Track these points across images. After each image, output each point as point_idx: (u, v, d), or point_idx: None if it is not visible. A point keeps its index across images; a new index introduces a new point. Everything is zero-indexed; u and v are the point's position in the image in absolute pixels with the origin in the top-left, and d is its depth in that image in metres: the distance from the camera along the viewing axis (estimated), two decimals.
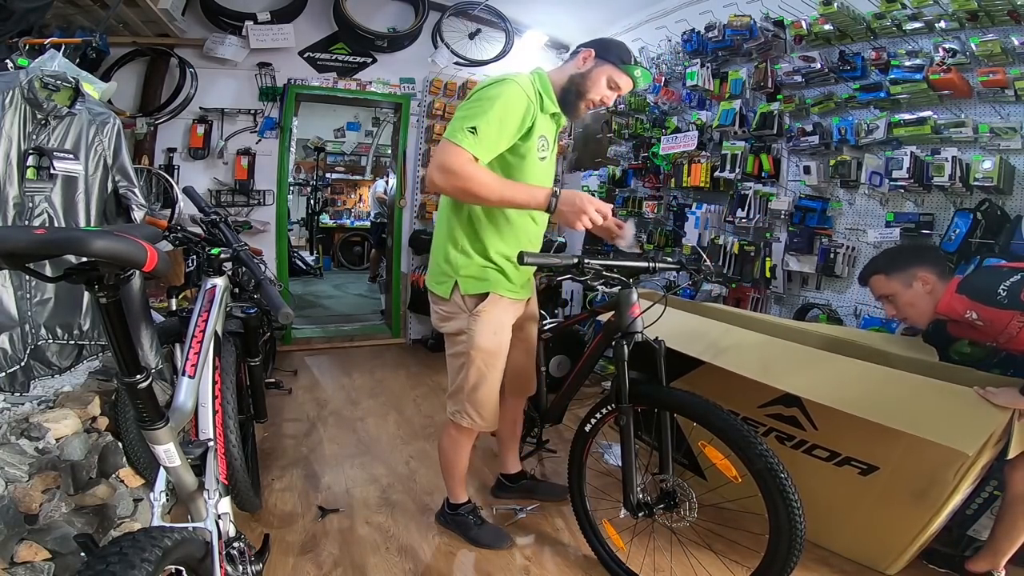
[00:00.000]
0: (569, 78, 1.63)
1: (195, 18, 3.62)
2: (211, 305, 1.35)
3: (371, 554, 1.85)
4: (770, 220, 2.87)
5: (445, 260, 1.67)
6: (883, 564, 1.78)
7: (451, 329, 1.72)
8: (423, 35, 4.20)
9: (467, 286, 1.64)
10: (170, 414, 0.99)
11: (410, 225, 4.51)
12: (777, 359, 1.85)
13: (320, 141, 8.11)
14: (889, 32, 2.32)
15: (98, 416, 1.87)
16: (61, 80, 1.71)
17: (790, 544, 1.36)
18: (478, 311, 1.65)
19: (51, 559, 1.39)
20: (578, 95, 1.62)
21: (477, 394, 1.70)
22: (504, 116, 1.46)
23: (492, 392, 1.71)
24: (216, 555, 1.04)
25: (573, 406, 2.08)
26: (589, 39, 1.70)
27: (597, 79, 1.60)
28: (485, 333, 1.64)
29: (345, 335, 4.73)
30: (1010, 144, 2.03)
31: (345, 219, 8.79)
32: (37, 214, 1.74)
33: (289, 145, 4.24)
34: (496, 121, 1.44)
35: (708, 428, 1.51)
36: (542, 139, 1.61)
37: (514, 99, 1.48)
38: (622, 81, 1.60)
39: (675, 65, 3.39)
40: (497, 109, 1.44)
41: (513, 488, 2.21)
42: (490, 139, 1.44)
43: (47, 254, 0.73)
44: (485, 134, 1.42)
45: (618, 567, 1.76)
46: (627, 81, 1.61)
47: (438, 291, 1.71)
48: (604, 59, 1.60)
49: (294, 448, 2.61)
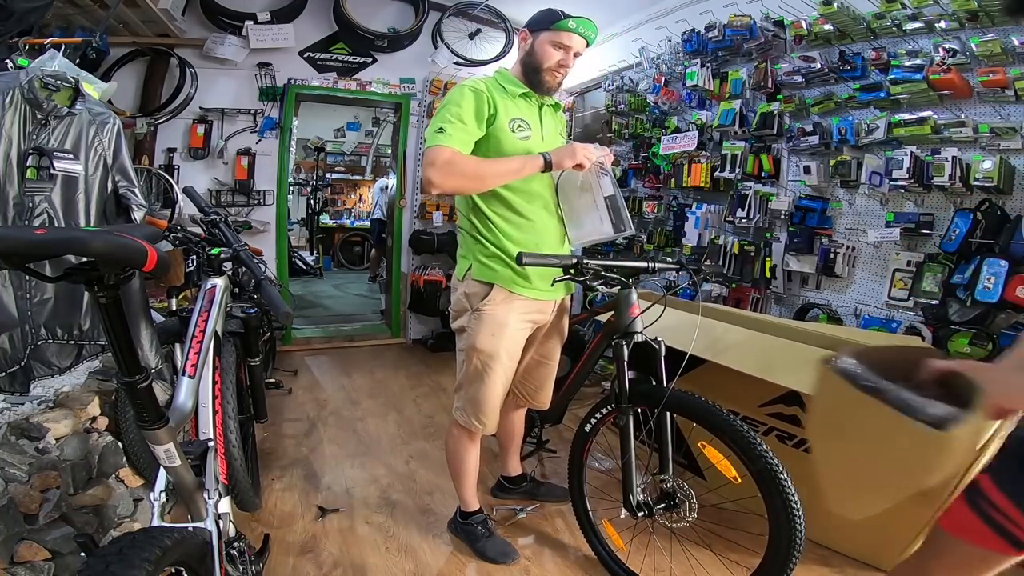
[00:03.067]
0: (521, 62, 1.71)
1: (195, 18, 3.62)
2: (211, 305, 1.35)
3: (371, 554, 1.85)
4: (770, 220, 2.87)
5: (466, 244, 1.72)
6: (884, 562, 1.78)
7: (457, 326, 1.74)
8: (423, 35, 4.20)
9: (478, 271, 1.66)
10: (170, 414, 0.99)
11: (410, 225, 4.51)
12: (778, 357, 1.85)
13: (320, 141, 8.11)
14: (889, 32, 2.32)
15: (98, 416, 1.87)
16: (61, 80, 1.71)
17: (790, 544, 1.36)
18: (480, 308, 1.65)
19: (51, 559, 1.39)
20: (535, 70, 1.67)
21: (475, 393, 1.70)
22: (461, 110, 1.55)
23: (490, 395, 1.69)
24: (216, 555, 1.04)
25: (573, 406, 2.08)
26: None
27: (541, 49, 1.65)
28: (483, 333, 1.64)
29: (345, 335, 4.73)
30: (1010, 144, 2.03)
31: (345, 219, 8.79)
32: (37, 214, 1.74)
33: (289, 145, 4.24)
34: (455, 117, 1.54)
35: (708, 428, 1.51)
36: (516, 120, 1.64)
37: (466, 94, 1.58)
38: (563, 38, 1.62)
39: (675, 65, 3.38)
40: (452, 107, 1.56)
41: (514, 491, 2.20)
42: (458, 131, 1.53)
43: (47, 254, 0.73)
44: (452, 128, 1.52)
45: (618, 567, 1.76)
46: (568, 35, 1.62)
47: (456, 272, 1.75)
48: (537, 30, 1.65)
49: (294, 448, 2.62)
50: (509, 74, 1.71)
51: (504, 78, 1.70)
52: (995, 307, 2.00)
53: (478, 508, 1.92)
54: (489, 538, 1.88)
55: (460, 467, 1.85)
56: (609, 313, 1.76)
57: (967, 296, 2.06)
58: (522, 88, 1.67)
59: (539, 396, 1.92)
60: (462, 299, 1.70)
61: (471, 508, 1.91)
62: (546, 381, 1.91)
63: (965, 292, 2.07)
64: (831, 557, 1.87)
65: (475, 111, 1.57)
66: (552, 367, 1.91)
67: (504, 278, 1.64)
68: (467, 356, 1.69)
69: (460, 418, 1.75)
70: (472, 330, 1.66)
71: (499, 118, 1.60)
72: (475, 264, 1.67)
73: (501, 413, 1.77)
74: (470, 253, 1.69)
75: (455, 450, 1.84)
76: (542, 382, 1.90)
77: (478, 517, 1.90)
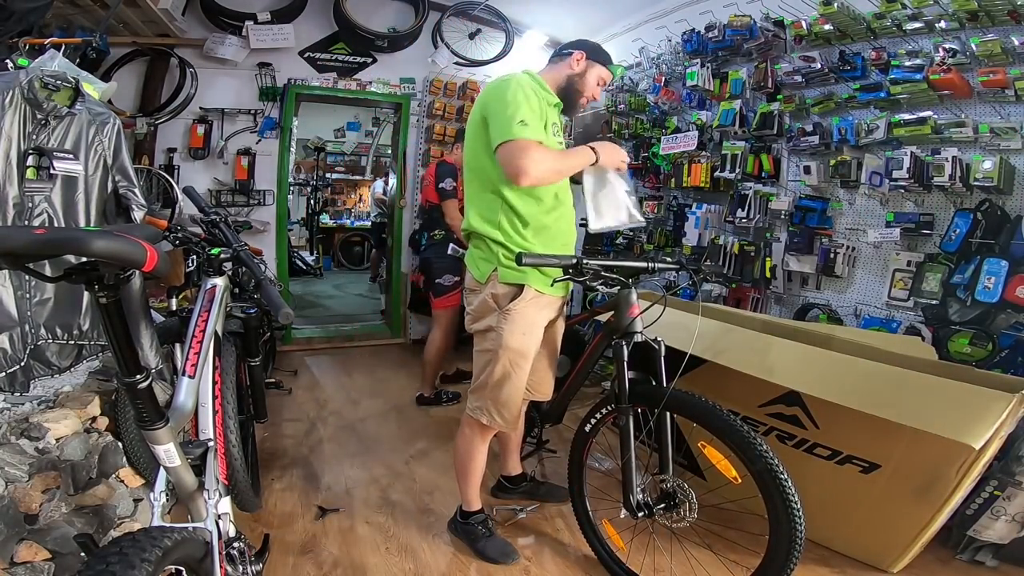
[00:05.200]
0: (567, 78, 1.77)
1: (195, 18, 3.62)
2: (211, 305, 1.35)
3: (371, 554, 1.85)
4: (770, 220, 2.88)
5: (488, 245, 1.70)
6: (885, 562, 1.78)
7: (481, 327, 1.72)
8: (423, 35, 4.20)
9: (505, 274, 1.66)
10: (170, 414, 0.99)
11: (410, 225, 4.50)
12: (778, 357, 1.85)
13: (320, 141, 8.10)
14: (889, 32, 2.32)
15: (98, 416, 1.87)
16: (61, 80, 1.71)
17: (790, 544, 1.36)
18: (509, 309, 1.65)
19: (51, 559, 1.39)
20: (577, 93, 1.78)
21: (500, 393, 1.69)
22: (531, 107, 1.59)
23: (516, 392, 1.71)
24: (216, 555, 1.04)
25: (573, 406, 2.08)
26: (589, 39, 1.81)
27: (591, 78, 1.78)
28: (515, 333, 1.65)
29: (345, 335, 4.73)
30: (1010, 144, 2.03)
31: (345, 219, 8.79)
32: (37, 214, 1.74)
33: (289, 145, 4.24)
34: (530, 112, 1.57)
35: (708, 428, 1.51)
36: (554, 125, 1.72)
37: (531, 92, 1.61)
38: (606, 77, 1.82)
39: (675, 65, 3.39)
40: (523, 102, 1.57)
41: (514, 491, 2.20)
42: (536, 126, 1.58)
43: (47, 254, 0.73)
44: (532, 123, 1.56)
45: (618, 567, 1.76)
46: (609, 77, 1.84)
47: (476, 273, 1.73)
48: (594, 60, 1.78)
49: (294, 448, 2.61)
50: (544, 82, 1.74)
51: (542, 85, 1.73)
52: (995, 307, 2.01)
53: (480, 508, 1.92)
54: (489, 538, 1.88)
55: (469, 465, 1.85)
56: (609, 313, 1.76)
57: (967, 296, 2.06)
58: (555, 99, 1.75)
59: (542, 387, 1.93)
60: (488, 300, 1.69)
61: (473, 507, 1.91)
62: (548, 373, 1.94)
63: (965, 292, 2.07)
64: (831, 557, 1.87)
65: (539, 109, 1.63)
66: (554, 358, 1.94)
67: (535, 278, 1.66)
68: (495, 356, 1.67)
69: (482, 417, 1.74)
70: (502, 330, 1.65)
71: (546, 121, 1.66)
72: (500, 267, 1.67)
73: None
74: (493, 256, 1.68)
75: (466, 449, 1.84)
76: (544, 373, 1.91)
77: (479, 517, 1.90)
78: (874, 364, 1.73)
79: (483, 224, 1.69)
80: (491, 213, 1.68)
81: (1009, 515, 1.76)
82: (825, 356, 1.83)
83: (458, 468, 1.89)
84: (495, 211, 1.67)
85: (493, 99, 1.61)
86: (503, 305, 1.66)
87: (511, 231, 1.66)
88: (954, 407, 1.50)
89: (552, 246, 1.70)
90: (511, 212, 1.65)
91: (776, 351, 1.89)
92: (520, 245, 1.64)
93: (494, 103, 1.60)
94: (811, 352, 1.87)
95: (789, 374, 1.79)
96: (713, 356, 1.91)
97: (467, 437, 1.83)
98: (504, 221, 1.66)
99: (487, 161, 1.64)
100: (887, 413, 1.54)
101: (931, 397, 1.55)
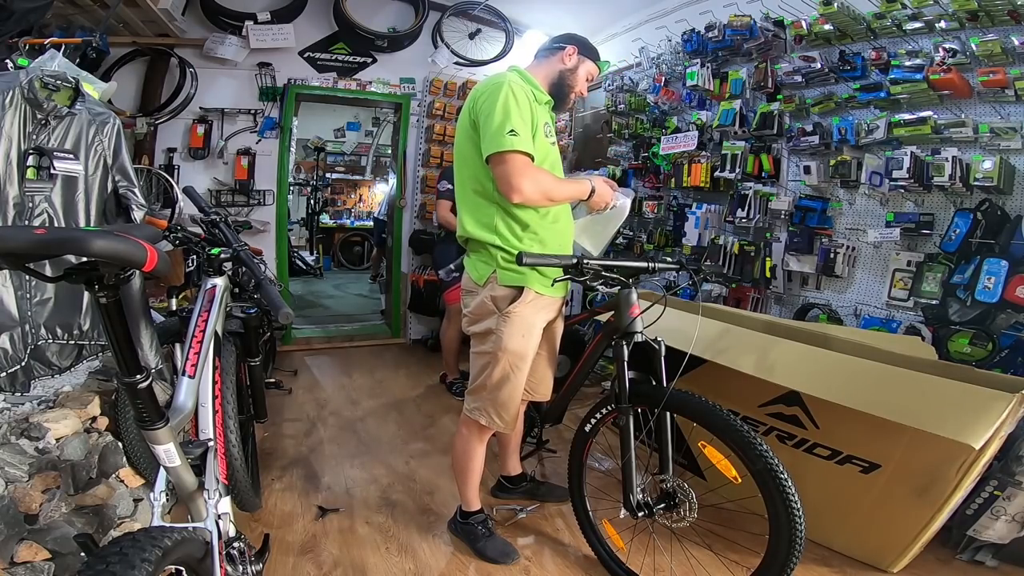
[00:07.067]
0: (560, 74, 1.76)
1: (195, 18, 3.62)
2: (211, 305, 1.35)
3: (371, 554, 1.85)
4: (770, 220, 2.87)
5: (486, 248, 1.69)
6: (885, 562, 1.79)
7: (480, 329, 1.72)
8: (423, 35, 4.20)
9: (505, 276, 1.66)
10: (170, 414, 0.99)
11: (410, 225, 4.51)
12: (778, 357, 1.85)
13: (320, 141, 8.10)
14: (889, 32, 2.32)
15: (98, 416, 1.87)
16: (61, 80, 1.71)
17: (790, 544, 1.36)
18: (508, 311, 1.65)
19: (51, 559, 1.39)
20: (568, 88, 1.77)
21: (499, 394, 1.69)
22: (522, 112, 1.57)
23: (515, 393, 1.71)
24: (216, 555, 1.04)
25: (573, 406, 2.08)
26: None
27: (581, 74, 1.78)
28: (514, 335, 1.65)
29: (345, 335, 4.73)
30: (1010, 144, 2.03)
31: (345, 219, 8.78)
32: (37, 214, 1.74)
33: (289, 145, 4.24)
34: (520, 120, 1.55)
35: (708, 428, 1.51)
36: (546, 125, 1.70)
37: (521, 96, 1.59)
38: (594, 73, 1.82)
39: (675, 65, 3.38)
40: (514, 109, 1.55)
41: (514, 491, 2.20)
42: (527, 135, 1.56)
43: (47, 254, 0.73)
44: (523, 132, 1.54)
45: (618, 567, 1.76)
46: (596, 72, 1.83)
47: (474, 275, 1.72)
48: (585, 55, 1.77)
49: (294, 448, 2.62)
50: (533, 79, 1.73)
51: (532, 83, 1.71)
52: (995, 307, 2.00)
53: (479, 508, 1.92)
54: (489, 538, 1.88)
55: (467, 466, 1.85)
56: (609, 313, 1.76)
57: (967, 296, 2.06)
58: (547, 97, 1.74)
59: (541, 388, 1.93)
60: (487, 303, 1.69)
61: (473, 507, 1.91)
62: (547, 373, 1.93)
63: (965, 292, 2.07)
64: (831, 557, 1.87)
65: (530, 113, 1.61)
66: (553, 358, 1.94)
67: (534, 280, 1.65)
68: (494, 358, 1.67)
69: (481, 418, 1.73)
70: (501, 332, 1.65)
71: (537, 122, 1.65)
72: (499, 269, 1.66)
73: None
74: (491, 259, 1.68)
75: (464, 450, 1.84)
76: (543, 374, 1.91)
77: (479, 517, 1.90)
78: (874, 364, 1.73)
79: (480, 230, 1.68)
80: (487, 218, 1.67)
81: (1009, 515, 1.76)
82: (825, 356, 1.83)
83: (457, 468, 1.89)
84: (491, 216, 1.66)
85: (483, 104, 1.59)
86: (502, 307, 1.66)
87: (509, 235, 1.65)
88: (954, 407, 1.50)
89: (550, 248, 1.70)
90: (508, 217, 1.65)
91: (776, 351, 1.89)
92: (519, 248, 1.64)
93: (484, 109, 1.58)
94: (811, 352, 1.86)
95: (789, 374, 1.79)
96: (713, 356, 1.91)
97: (465, 437, 1.83)
98: (501, 225, 1.65)
99: (478, 166, 1.63)
100: (887, 413, 1.54)
101: (931, 397, 1.55)
